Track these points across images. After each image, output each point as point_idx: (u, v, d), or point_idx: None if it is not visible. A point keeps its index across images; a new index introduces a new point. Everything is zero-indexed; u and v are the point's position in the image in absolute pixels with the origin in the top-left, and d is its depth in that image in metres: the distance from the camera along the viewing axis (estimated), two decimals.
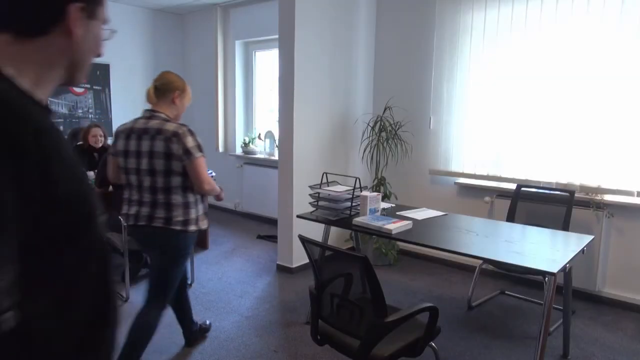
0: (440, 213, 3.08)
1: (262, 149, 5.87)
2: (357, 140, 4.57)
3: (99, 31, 0.83)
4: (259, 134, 5.91)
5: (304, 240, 2.04)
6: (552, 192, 3.40)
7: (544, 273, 2.13)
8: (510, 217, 3.42)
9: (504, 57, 3.81)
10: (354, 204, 2.95)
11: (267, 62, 5.87)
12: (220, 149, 6.18)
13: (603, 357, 2.79)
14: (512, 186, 3.62)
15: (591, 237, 2.58)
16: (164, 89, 2.38)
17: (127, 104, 6.04)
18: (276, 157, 5.17)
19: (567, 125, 3.55)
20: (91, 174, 4.04)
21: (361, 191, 2.98)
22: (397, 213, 3.04)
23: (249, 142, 5.92)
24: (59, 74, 0.80)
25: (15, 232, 0.63)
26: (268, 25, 5.44)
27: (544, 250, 2.36)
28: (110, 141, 4.46)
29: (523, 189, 3.48)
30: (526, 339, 2.98)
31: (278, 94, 4.02)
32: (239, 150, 6.06)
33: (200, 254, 4.52)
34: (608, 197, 3.44)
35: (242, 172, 5.95)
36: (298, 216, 3.08)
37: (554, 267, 2.07)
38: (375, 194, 2.97)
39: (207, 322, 3.05)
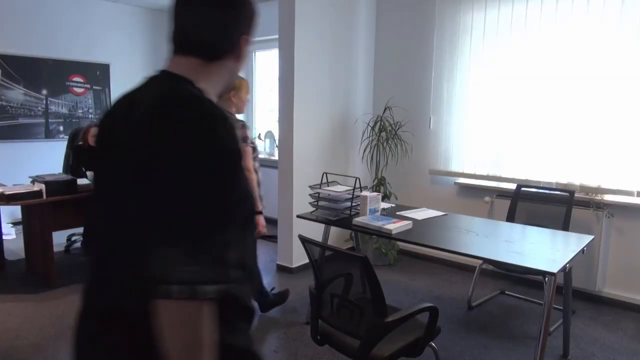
0: (440, 213, 3.08)
1: (262, 149, 5.87)
2: (357, 140, 4.57)
3: (248, 53, 1.05)
4: (259, 134, 5.91)
5: (304, 240, 2.04)
6: (552, 192, 3.40)
7: (544, 273, 2.13)
8: (510, 217, 3.42)
9: (504, 57, 3.81)
10: (354, 204, 2.95)
11: (267, 62, 5.87)
12: None
13: (603, 357, 2.79)
14: (512, 186, 3.62)
15: (591, 237, 2.58)
16: (222, 91, 2.70)
17: None
18: (276, 157, 5.17)
19: (567, 125, 3.55)
20: (91, 174, 4.04)
21: (361, 191, 2.98)
22: (397, 213, 3.04)
23: None
24: (220, 88, 1.02)
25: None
26: (268, 25, 5.43)
27: (544, 250, 2.36)
28: None
29: (523, 189, 3.48)
30: (526, 339, 2.98)
31: (278, 94, 4.03)
32: None
33: None
34: (608, 197, 3.44)
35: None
36: (298, 216, 3.08)
37: (554, 267, 2.06)
38: (375, 194, 2.97)
39: (280, 290, 3.30)
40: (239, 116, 3.19)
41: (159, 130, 0.80)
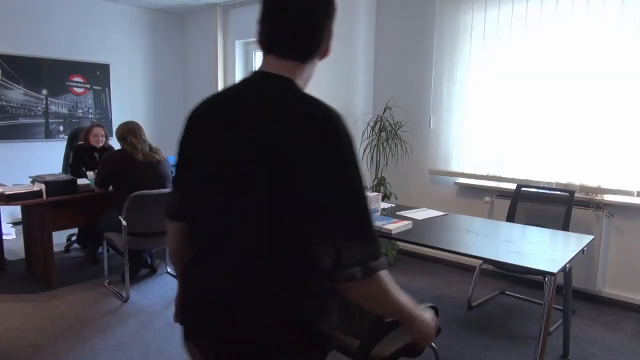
0: (440, 213, 3.08)
1: None
2: (357, 140, 4.57)
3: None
4: None
5: None
6: (552, 192, 3.40)
7: (544, 273, 2.13)
8: (510, 217, 3.42)
9: (504, 57, 3.81)
10: None
11: None
12: None
13: (603, 357, 2.79)
14: (512, 186, 3.62)
15: (591, 237, 2.58)
16: None
17: (127, 104, 6.04)
18: None
19: (567, 125, 3.55)
20: (91, 174, 4.04)
21: None
22: (397, 213, 3.04)
23: None
24: (307, 83, 1.09)
25: None
26: None
27: (544, 250, 2.36)
28: (111, 141, 4.47)
29: (523, 189, 3.48)
30: (526, 339, 2.98)
31: None
32: None
33: None
34: (608, 197, 3.44)
35: None
36: None
37: (554, 267, 2.07)
38: (375, 194, 2.97)
39: None
40: None
41: (303, 130, 0.91)
